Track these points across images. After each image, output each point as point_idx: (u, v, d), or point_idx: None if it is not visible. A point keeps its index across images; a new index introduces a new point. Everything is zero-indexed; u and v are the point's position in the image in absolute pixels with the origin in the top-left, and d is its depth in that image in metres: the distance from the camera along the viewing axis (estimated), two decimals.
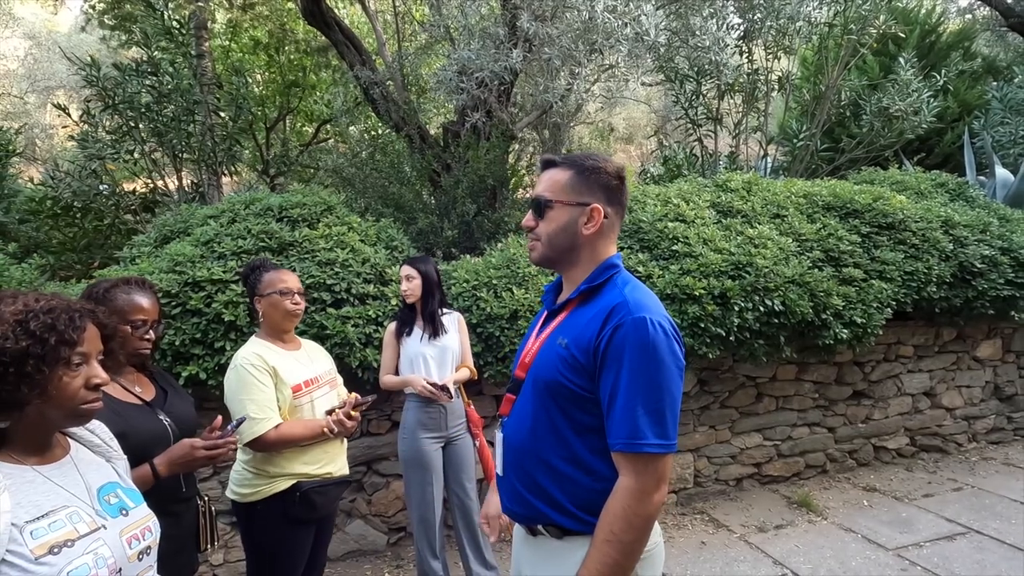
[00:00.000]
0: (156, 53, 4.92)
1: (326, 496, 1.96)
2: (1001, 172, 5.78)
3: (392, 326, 2.76)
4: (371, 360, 2.92)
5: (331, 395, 2.10)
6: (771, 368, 3.98)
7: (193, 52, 6.28)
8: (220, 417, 1.54)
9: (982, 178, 5.99)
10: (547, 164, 1.31)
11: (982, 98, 7.63)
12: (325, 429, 1.90)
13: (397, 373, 2.74)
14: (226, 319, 2.74)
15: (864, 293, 3.71)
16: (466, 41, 4.24)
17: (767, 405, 4.06)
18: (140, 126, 4.82)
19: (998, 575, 2.90)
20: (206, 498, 1.72)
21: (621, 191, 1.29)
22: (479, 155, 4.46)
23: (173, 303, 2.77)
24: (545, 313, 1.37)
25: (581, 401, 1.16)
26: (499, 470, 1.32)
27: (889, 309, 3.80)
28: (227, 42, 9.60)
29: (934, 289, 3.97)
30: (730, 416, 3.97)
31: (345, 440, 2.13)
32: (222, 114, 5.50)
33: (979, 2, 10.25)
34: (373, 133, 6.47)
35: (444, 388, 2.60)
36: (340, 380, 2.28)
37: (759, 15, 5.42)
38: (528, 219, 1.29)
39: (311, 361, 2.11)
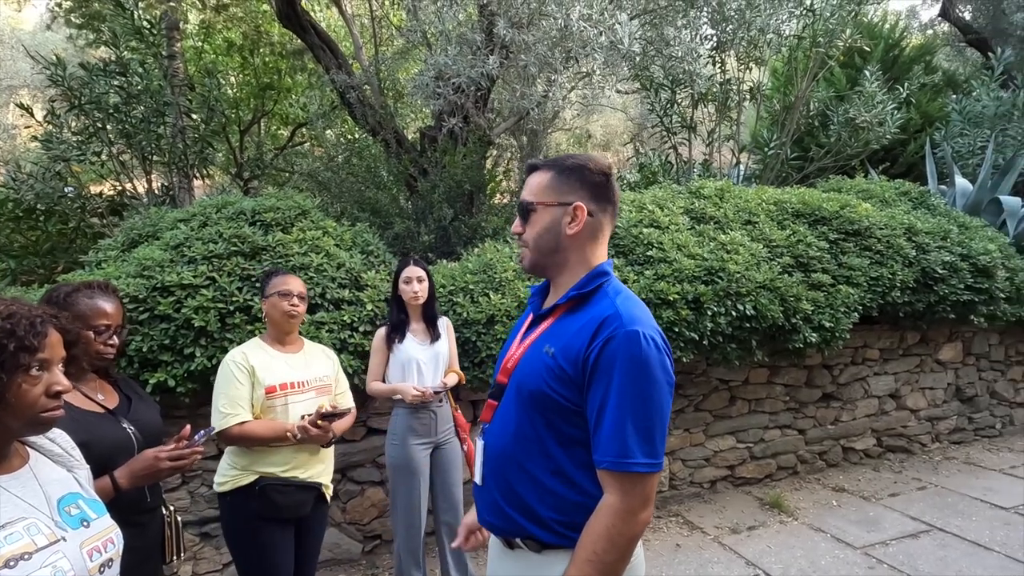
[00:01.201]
0: (125, 53, 4.81)
1: (287, 496, 2.00)
2: (960, 182, 6.00)
3: (382, 331, 2.71)
4: (346, 366, 2.88)
5: (316, 401, 2.11)
6: (744, 372, 4.06)
7: (164, 53, 6.16)
8: (188, 426, 1.51)
9: (943, 187, 6.21)
10: (531, 169, 1.29)
11: (943, 110, 7.92)
12: (288, 434, 1.93)
13: (384, 380, 2.70)
14: (196, 325, 2.68)
15: (832, 298, 3.81)
16: (443, 46, 4.25)
17: (740, 408, 4.13)
18: (108, 127, 4.71)
19: (959, 571, 3.00)
20: (172, 508, 1.67)
21: (608, 188, 1.24)
22: (456, 160, 4.46)
23: (140, 308, 2.70)
24: (530, 317, 1.32)
25: (566, 413, 1.12)
26: (478, 479, 1.28)
27: (856, 313, 3.91)
28: (200, 43, 9.44)
29: (898, 294, 4.10)
30: (704, 419, 4.03)
31: (324, 449, 2.12)
32: (194, 116, 5.41)
33: (940, 18, 10.66)
34: (349, 137, 6.43)
35: (436, 391, 2.59)
36: (344, 386, 2.31)
37: (731, 26, 5.55)
38: (516, 225, 1.27)
39: (306, 366, 2.15)
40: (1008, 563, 3.06)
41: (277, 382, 2.03)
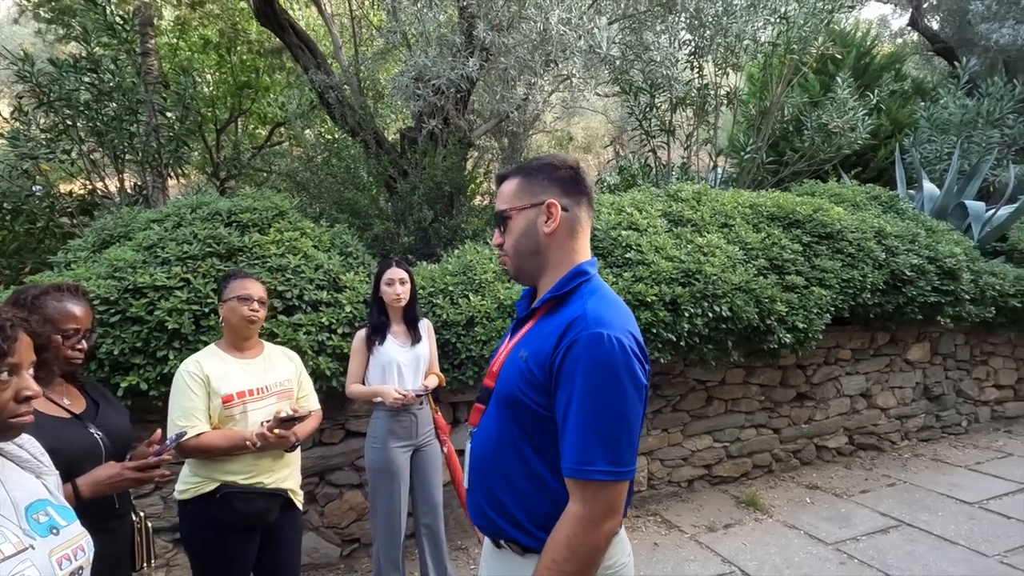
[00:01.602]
0: (97, 49, 4.70)
1: (250, 504, 1.94)
2: (928, 186, 6.19)
3: (362, 333, 2.68)
4: (324, 368, 2.87)
5: (277, 406, 2.06)
6: (720, 372, 4.13)
7: (138, 49, 6.04)
8: (159, 431, 1.48)
9: (912, 192, 6.39)
10: (500, 179, 1.29)
11: (912, 117, 8.15)
12: (248, 442, 1.88)
13: (364, 382, 2.69)
14: (170, 327, 2.64)
15: (805, 299, 3.90)
16: (423, 48, 4.24)
17: (717, 408, 4.19)
18: (78, 125, 4.59)
19: (926, 565, 3.09)
20: (142, 514, 1.64)
21: (578, 181, 1.23)
22: (436, 162, 4.46)
23: (112, 310, 2.64)
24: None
25: (540, 419, 1.11)
26: (466, 483, 1.29)
27: (828, 315, 4.00)
28: (175, 40, 9.26)
29: (869, 296, 4.20)
30: (682, 419, 4.09)
31: (289, 453, 2.08)
32: (168, 114, 5.31)
33: (909, 27, 10.97)
34: (329, 137, 6.37)
35: (418, 394, 2.58)
36: (307, 389, 2.25)
37: (709, 32, 5.64)
38: (495, 238, 1.27)
39: (265, 371, 2.09)
40: (972, 556, 3.16)
41: (234, 390, 1.97)
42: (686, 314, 3.44)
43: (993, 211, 5.69)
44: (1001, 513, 3.65)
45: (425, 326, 2.81)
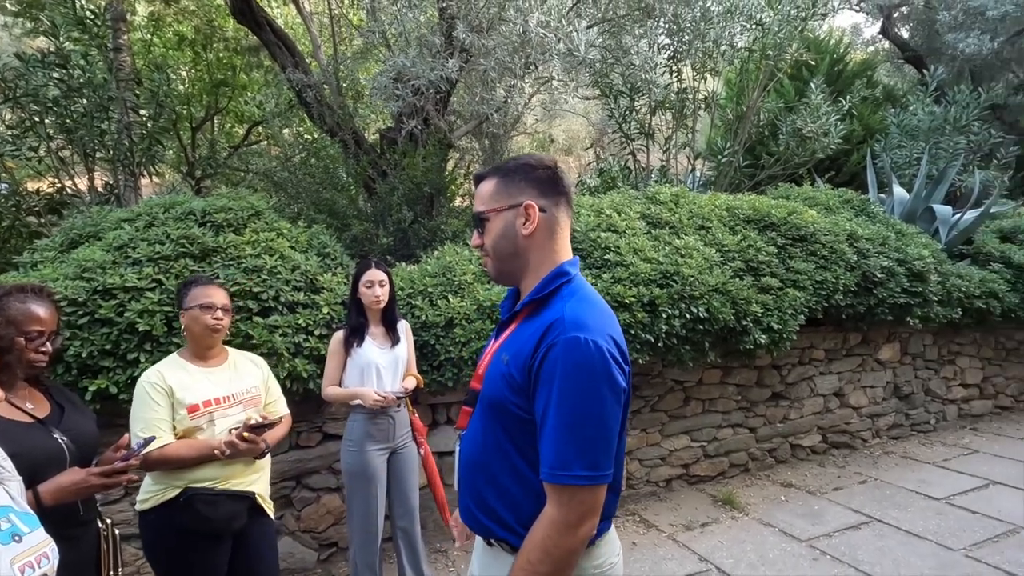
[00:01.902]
0: (66, 44, 4.58)
1: (216, 507, 1.88)
2: (898, 191, 6.35)
3: (340, 335, 2.65)
4: (300, 371, 2.83)
5: (246, 414, 2.01)
6: (697, 372, 4.18)
7: (109, 45, 5.90)
8: (127, 436, 1.45)
9: (883, 195, 6.55)
10: (477, 180, 1.28)
11: (883, 123, 8.36)
12: (216, 451, 1.84)
13: (341, 384, 2.65)
14: (140, 329, 2.58)
15: (780, 301, 3.97)
16: (402, 48, 4.22)
17: (694, 408, 4.24)
18: (46, 121, 4.47)
19: (895, 560, 3.17)
20: (108, 521, 1.60)
21: (556, 181, 1.22)
22: (415, 162, 4.44)
23: (80, 312, 2.58)
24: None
25: (522, 422, 1.11)
26: (456, 484, 1.29)
27: (802, 316, 4.08)
28: (149, 36, 9.07)
29: (841, 297, 4.30)
30: (660, 419, 4.13)
31: (259, 460, 2.04)
32: (142, 112, 5.20)
33: (880, 36, 11.26)
34: (308, 137, 6.30)
35: (398, 396, 2.56)
36: (275, 394, 2.21)
37: (687, 37, 5.72)
38: (474, 239, 1.26)
39: (231, 380, 2.04)
40: (939, 551, 3.25)
41: (200, 400, 1.91)
42: (664, 315, 3.48)
43: (959, 215, 5.86)
44: (967, 508, 3.75)
45: (403, 327, 2.80)
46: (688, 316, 3.55)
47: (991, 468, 4.40)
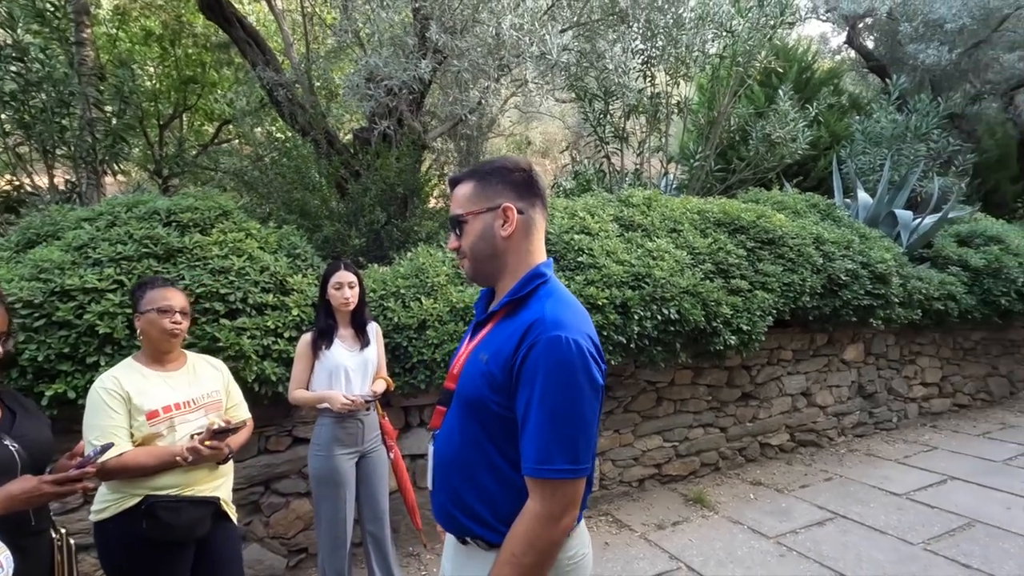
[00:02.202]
0: (25, 36, 4.43)
1: (178, 514, 1.82)
2: (862, 196, 6.54)
3: (307, 337, 2.61)
4: (269, 374, 2.78)
5: (207, 419, 1.96)
6: (669, 373, 4.23)
7: (71, 38, 5.72)
8: (83, 442, 1.40)
9: (848, 200, 6.74)
10: (453, 183, 1.30)
11: (848, 130, 8.60)
12: (178, 458, 1.78)
13: (308, 387, 2.61)
14: (101, 332, 2.50)
15: (749, 302, 4.05)
16: (375, 48, 4.19)
17: (666, 408, 4.30)
18: (2, 116, 4.32)
19: (858, 554, 3.25)
20: (63, 531, 1.54)
21: (532, 183, 1.25)
22: (389, 163, 4.40)
23: (36, 314, 2.48)
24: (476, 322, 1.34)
25: (503, 420, 1.13)
26: (429, 484, 1.29)
27: (771, 317, 4.17)
28: (114, 30, 8.81)
29: (808, 299, 4.40)
30: (633, 420, 4.17)
31: (223, 466, 1.99)
32: (106, 108, 5.05)
33: (846, 45, 11.59)
34: (280, 136, 6.20)
35: (366, 399, 2.53)
36: (236, 398, 2.16)
37: (661, 42, 5.80)
38: (451, 242, 1.27)
39: (190, 384, 1.98)
40: (899, 544, 3.35)
41: (159, 406, 1.85)
42: (636, 317, 3.52)
43: (920, 220, 6.07)
44: (926, 503, 3.88)
45: (374, 330, 2.77)
46: (660, 318, 3.59)
47: (949, 464, 4.56)
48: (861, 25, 10.88)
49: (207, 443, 1.81)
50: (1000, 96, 10.11)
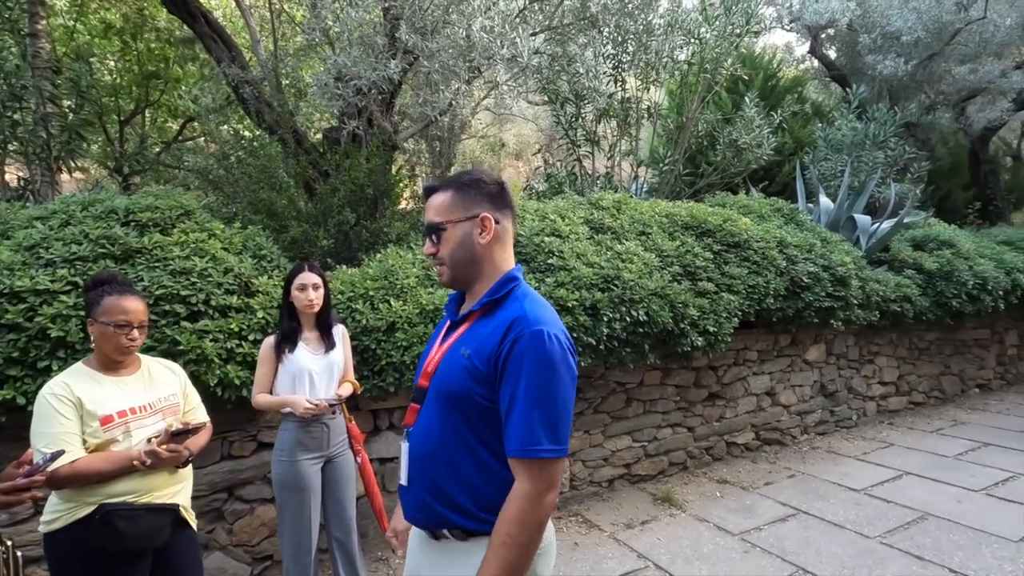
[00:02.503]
0: None
1: (135, 523, 1.75)
2: (824, 201, 6.76)
3: (271, 340, 2.55)
4: (232, 377, 2.72)
5: (164, 423, 1.90)
6: (638, 374, 4.29)
7: (25, 30, 5.50)
8: (31, 450, 1.34)
9: (811, 205, 6.95)
10: (429, 191, 1.36)
11: (811, 137, 8.88)
12: (135, 462, 1.72)
13: (272, 391, 2.55)
14: (53, 335, 2.41)
15: (716, 304, 4.14)
16: (343, 47, 4.14)
17: (636, 409, 4.35)
18: None
19: (819, 549, 3.35)
20: (10, 543, 1.48)
21: (504, 196, 1.35)
22: (358, 163, 4.36)
23: None
24: (447, 323, 1.40)
25: (484, 411, 1.21)
26: (403, 480, 1.33)
27: (736, 319, 4.26)
28: (71, 23, 8.51)
29: (772, 301, 4.52)
30: (603, 421, 4.21)
31: (182, 470, 1.93)
32: (64, 103, 4.87)
33: (809, 54, 11.95)
34: (247, 134, 6.07)
35: (331, 403, 2.49)
36: (194, 401, 2.10)
37: (632, 48, 5.89)
38: (427, 248, 1.34)
39: (145, 388, 1.91)
40: (857, 539, 3.46)
41: (114, 410, 1.78)
42: (605, 319, 3.56)
43: (878, 225, 6.29)
44: (883, 498, 4.02)
45: (340, 332, 2.73)
46: (629, 319, 3.64)
47: (904, 460, 4.74)
48: (824, 35, 11.23)
49: (165, 446, 1.75)
50: (952, 107, 10.56)
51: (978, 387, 6.95)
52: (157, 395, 1.92)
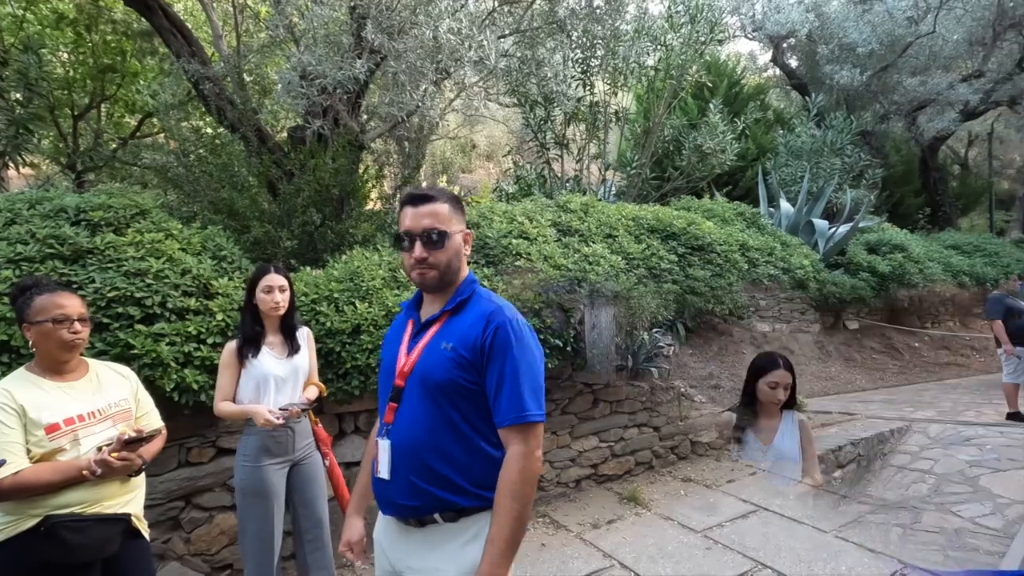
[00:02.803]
0: None
1: (84, 534, 1.68)
2: (785, 205, 6.97)
3: (232, 345, 2.46)
4: (190, 382, 2.64)
5: (116, 430, 1.82)
6: (605, 375, 4.33)
7: None
8: None
9: (772, 209, 7.16)
10: (423, 199, 1.44)
11: (773, 143, 9.15)
12: (85, 472, 1.65)
13: (235, 398, 2.48)
14: None
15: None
16: (309, 45, 4.07)
17: (603, 410, 4.39)
18: None
19: (777, 544, 3.44)
20: None
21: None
22: (323, 163, 4.28)
23: None
24: (409, 326, 1.51)
25: (470, 394, 1.36)
26: (385, 475, 1.41)
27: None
28: (21, 12, 8.13)
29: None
30: (570, 422, 4.23)
31: (135, 478, 1.86)
32: (15, 95, 4.65)
33: (772, 63, 12.31)
34: (207, 131, 5.90)
35: (302, 408, 2.44)
36: (147, 407, 2.02)
37: (600, 52, 5.97)
38: (420, 251, 1.41)
39: (94, 393, 1.83)
40: (814, 533, 3.57)
41: (60, 418, 1.70)
42: (572, 320, 3.58)
43: (835, 229, 6.52)
44: (839, 492, 4.15)
45: (304, 335, 2.67)
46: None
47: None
48: (785, 45, 11.59)
49: (117, 454, 1.68)
50: (904, 116, 11.03)
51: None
52: (107, 401, 1.84)
